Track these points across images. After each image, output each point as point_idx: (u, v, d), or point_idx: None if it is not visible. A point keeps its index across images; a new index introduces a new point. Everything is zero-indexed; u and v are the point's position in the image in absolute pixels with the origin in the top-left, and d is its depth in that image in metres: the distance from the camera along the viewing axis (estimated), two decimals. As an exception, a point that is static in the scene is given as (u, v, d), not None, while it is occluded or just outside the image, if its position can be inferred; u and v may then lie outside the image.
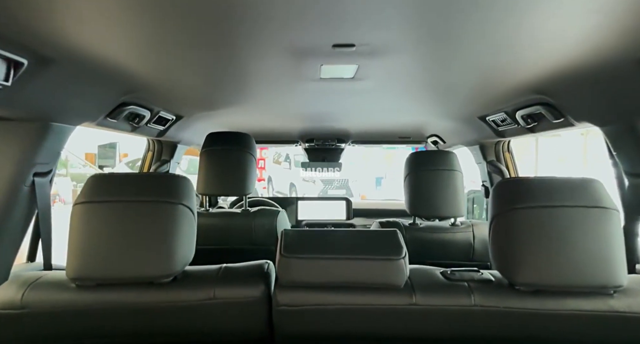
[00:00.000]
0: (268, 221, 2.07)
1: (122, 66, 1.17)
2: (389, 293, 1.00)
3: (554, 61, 1.12)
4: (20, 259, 1.43)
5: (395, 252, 1.00)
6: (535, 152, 10.54)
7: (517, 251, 0.98)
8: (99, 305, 0.99)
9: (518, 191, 1.03)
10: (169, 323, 1.01)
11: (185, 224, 1.02)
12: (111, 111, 1.48)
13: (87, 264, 0.97)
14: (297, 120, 2.41)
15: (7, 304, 0.96)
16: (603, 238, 0.96)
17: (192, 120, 2.17)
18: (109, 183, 1.03)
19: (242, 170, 1.96)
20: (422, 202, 1.92)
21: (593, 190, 0.99)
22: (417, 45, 1.03)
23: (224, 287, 1.02)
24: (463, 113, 2.04)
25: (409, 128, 2.73)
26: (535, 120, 1.65)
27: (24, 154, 1.19)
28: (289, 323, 1.01)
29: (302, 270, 0.99)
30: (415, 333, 0.99)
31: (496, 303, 0.99)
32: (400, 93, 1.65)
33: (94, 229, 0.98)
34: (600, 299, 0.97)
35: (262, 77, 1.39)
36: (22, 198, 1.22)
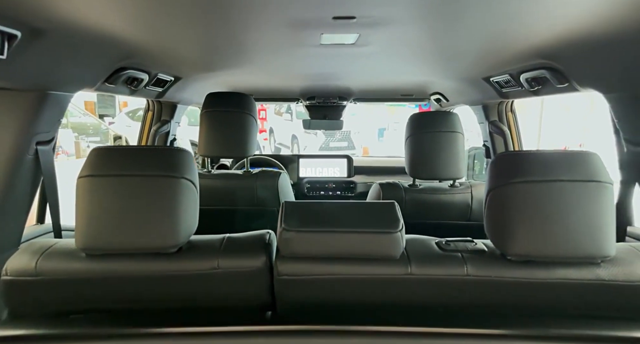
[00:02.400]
0: (270, 182, 2.09)
1: (117, 33, 1.14)
2: (385, 264, 1.04)
3: (562, 28, 1.08)
4: (31, 221, 1.48)
5: (392, 225, 1.03)
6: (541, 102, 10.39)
7: (511, 224, 1.01)
8: (107, 274, 1.04)
9: (515, 165, 1.04)
10: (175, 291, 1.06)
11: (188, 197, 1.04)
12: (109, 76, 1.46)
13: (95, 235, 1.01)
14: (297, 79, 2.37)
15: (22, 271, 1.01)
16: (595, 211, 0.98)
17: (190, 81, 2.13)
18: (113, 157, 1.04)
19: (243, 132, 1.96)
20: (423, 164, 1.93)
21: (590, 164, 1.00)
22: (421, 16, 1.00)
23: (228, 258, 1.06)
24: (467, 75, 2.00)
25: (411, 86, 2.68)
26: (540, 83, 1.62)
27: (25, 124, 1.19)
28: (290, 292, 1.06)
29: (302, 243, 1.03)
30: (410, 301, 1.05)
31: (488, 272, 1.04)
32: (403, 57, 1.61)
33: (100, 202, 1.00)
34: (588, 268, 1.01)
35: (262, 43, 1.35)
36: (26, 167, 1.24)
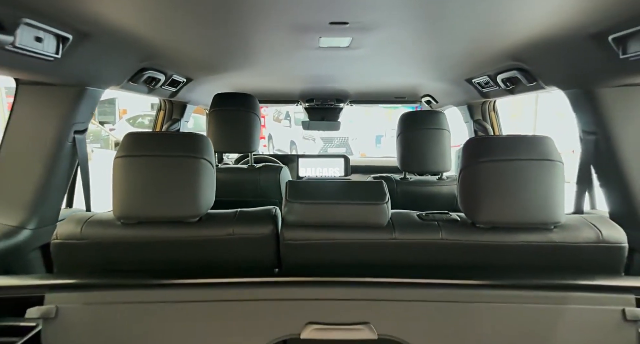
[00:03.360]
0: (272, 176, 2.30)
1: (144, 36, 1.34)
2: (374, 230, 1.23)
3: (526, 33, 1.29)
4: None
5: (379, 198, 1.23)
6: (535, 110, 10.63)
7: (479, 196, 1.21)
8: (139, 239, 1.23)
9: (482, 148, 1.24)
10: (196, 254, 1.25)
11: (207, 175, 1.24)
12: (133, 75, 1.66)
13: (129, 206, 1.20)
14: (297, 81, 2.58)
15: (70, 235, 1.20)
16: (547, 185, 1.18)
17: (200, 82, 2.34)
18: (144, 140, 1.24)
19: (248, 129, 2.16)
20: (413, 159, 2.14)
21: (543, 146, 1.20)
22: (406, 21, 1.20)
23: (241, 226, 1.26)
24: (451, 76, 2.21)
25: (403, 88, 2.89)
26: (513, 83, 1.83)
27: (66, 115, 1.39)
28: (294, 254, 1.25)
29: (304, 212, 1.22)
30: (394, 261, 1.24)
31: (460, 237, 1.23)
32: (392, 59, 1.82)
33: (133, 178, 1.20)
34: (542, 233, 1.21)
35: (265, 46, 1.56)
36: (66, 153, 1.44)
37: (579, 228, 1.22)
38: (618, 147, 1.38)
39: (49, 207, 1.46)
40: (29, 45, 1.01)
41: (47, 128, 1.37)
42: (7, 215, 1.38)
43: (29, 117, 1.37)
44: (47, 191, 1.43)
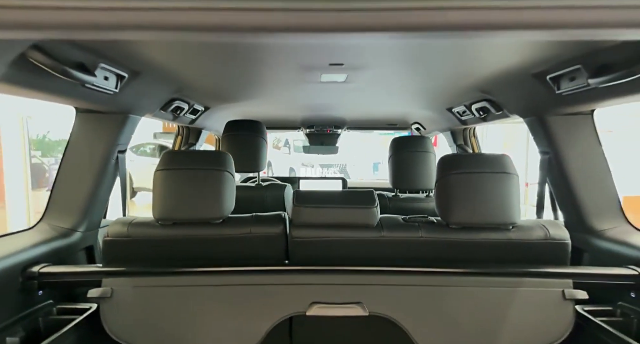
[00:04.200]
0: (278, 192, 2.60)
1: (177, 73, 1.67)
2: (366, 230, 1.52)
3: (490, 70, 1.62)
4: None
5: (370, 203, 1.52)
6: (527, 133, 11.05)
7: (451, 201, 1.50)
8: (174, 237, 1.50)
9: (454, 162, 1.55)
10: (220, 249, 1.53)
11: (229, 184, 1.53)
12: (164, 105, 1.98)
13: (166, 209, 1.48)
14: (300, 109, 2.91)
15: (118, 234, 1.48)
16: (505, 193, 1.47)
17: (215, 110, 2.67)
18: (179, 157, 1.54)
19: (257, 151, 2.47)
20: (402, 178, 2.45)
21: (502, 162, 1.51)
22: (392, 63, 1.53)
23: (257, 226, 1.54)
24: (434, 106, 2.55)
25: (394, 116, 3.24)
26: (485, 112, 2.16)
27: (113, 137, 1.70)
28: (300, 250, 1.53)
29: (309, 215, 1.51)
30: (382, 254, 1.52)
31: (436, 235, 1.51)
32: (382, 91, 2.15)
33: (170, 186, 1.49)
34: (503, 232, 1.49)
35: (274, 80, 1.89)
36: (111, 169, 1.73)
37: (531, 228, 1.51)
38: (565, 164, 1.69)
39: (95, 214, 1.74)
40: (100, 83, 1.32)
41: (97, 148, 1.68)
42: (62, 219, 1.66)
43: (83, 139, 1.67)
44: (94, 201, 1.71)
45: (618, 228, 1.63)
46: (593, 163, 1.66)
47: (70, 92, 1.28)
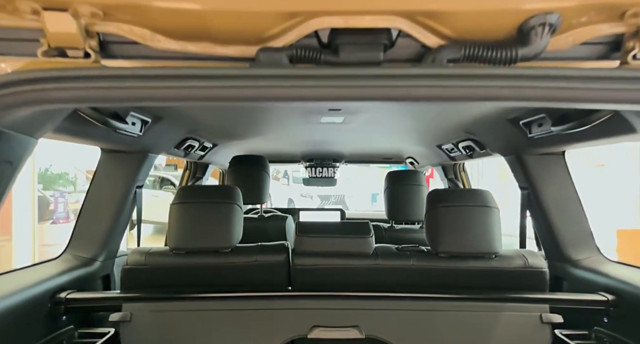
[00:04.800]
0: (279, 223, 2.76)
1: (193, 116, 1.86)
2: (362, 258, 1.67)
3: (472, 115, 1.82)
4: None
5: (366, 233, 1.68)
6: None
7: (439, 232, 1.65)
8: (187, 265, 1.65)
9: (441, 197, 1.72)
10: (229, 276, 1.67)
11: (238, 216, 1.69)
12: (178, 143, 2.17)
13: (181, 239, 1.64)
14: (300, 145, 3.12)
15: (136, 262, 1.63)
16: (487, 225, 1.63)
17: (222, 147, 2.86)
18: (193, 191, 1.72)
19: (260, 184, 2.65)
20: (397, 209, 2.63)
21: (483, 196, 1.68)
22: (384, 108, 1.73)
23: (262, 255, 1.68)
24: (425, 143, 2.75)
25: (389, 151, 3.44)
26: (470, 150, 2.35)
27: (132, 174, 1.88)
28: (302, 277, 1.67)
29: (310, 244, 1.66)
30: (377, 280, 1.66)
31: (426, 263, 1.66)
32: (377, 130, 2.36)
33: (185, 218, 1.65)
34: (486, 260, 1.65)
35: (278, 121, 2.09)
36: (129, 203, 1.90)
37: (512, 258, 1.66)
38: (542, 199, 1.86)
39: (113, 245, 1.89)
40: (128, 128, 1.51)
41: (119, 184, 1.85)
42: (84, 249, 1.81)
43: (106, 176, 1.85)
44: (113, 233, 1.87)
45: (592, 257, 1.79)
46: (567, 198, 1.83)
47: (104, 137, 1.47)
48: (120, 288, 1.62)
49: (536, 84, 0.74)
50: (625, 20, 0.74)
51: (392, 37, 0.83)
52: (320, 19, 0.78)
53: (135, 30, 0.78)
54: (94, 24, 0.76)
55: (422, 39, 0.81)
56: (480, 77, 0.75)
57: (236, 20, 0.77)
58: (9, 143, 0.90)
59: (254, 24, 0.78)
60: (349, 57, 0.83)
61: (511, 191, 1.70)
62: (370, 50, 0.82)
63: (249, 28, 0.79)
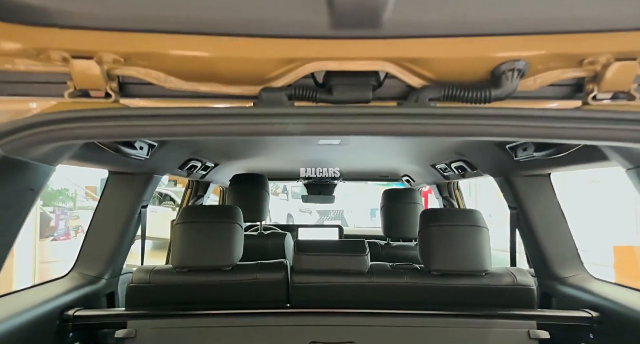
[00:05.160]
0: (279, 241, 2.83)
1: (197, 140, 1.96)
2: (358, 276, 1.74)
3: (464, 139, 1.91)
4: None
5: (361, 252, 1.75)
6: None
7: (431, 250, 1.73)
8: (190, 282, 1.72)
9: (433, 216, 1.80)
10: (230, 293, 1.73)
11: (239, 235, 1.76)
12: (181, 165, 2.26)
13: (184, 258, 1.71)
14: (299, 164, 3.21)
15: (141, 280, 1.70)
16: (477, 243, 1.71)
17: (223, 166, 2.95)
18: (196, 211, 1.80)
19: (260, 202, 2.74)
20: (393, 227, 2.71)
21: (473, 216, 1.76)
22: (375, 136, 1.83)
23: (262, 272, 1.76)
24: (419, 163, 2.85)
25: (386, 170, 3.54)
26: (462, 170, 2.45)
27: (138, 195, 1.96)
28: (300, 294, 1.74)
29: (308, 262, 1.74)
30: (372, 299, 1.73)
31: (419, 281, 1.73)
32: (372, 150, 2.45)
33: (188, 237, 1.72)
34: (477, 278, 1.72)
35: (277, 142, 2.18)
36: (134, 223, 1.98)
37: (501, 275, 1.73)
38: (530, 219, 1.94)
39: (118, 263, 1.97)
40: (136, 153, 1.60)
41: (125, 205, 1.93)
42: (90, 268, 1.88)
43: (113, 197, 1.93)
44: (118, 251, 1.94)
45: (578, 275, 1.86)
46: (553, 218, 1.92)
47: (113, 161, 1.56)
48: (125, 305, 1.68)
49: (506, 123, 0.83)
50: (583, 66, 0.83)
51: (380, 78, 0.93)
52: (317, 63, 0.88)
53: (152, 73, 0.88)
54: (115, 69, 0.86)
55: (406, 80, 0.91)
56: (457, 116, 0.85)
57: (241, 65, 0.87)
58: (32, 173, 0.98)
59: (257, 68, 0.88)
60: (341, 96, 0.92)
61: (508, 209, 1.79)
62: (360, 90, 0.92)
63: (253, 71, 0.89)
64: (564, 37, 0.77)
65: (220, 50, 0.82)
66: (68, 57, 0.80)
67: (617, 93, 0.86)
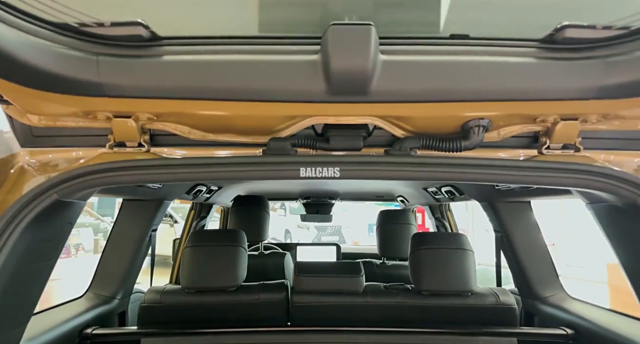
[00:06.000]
0: (279, 260, 2.98)
1: None
2: (353, 296, 1.88)
3: None
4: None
5: (357, 273, 1.90)
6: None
7: (422, 271, 1.88)
8: (197, 302, 1.86)
9: (423, 239, 1.96)
10: (235, 312, 1.87)
11: (242, 257, 1.91)
12: (189, 190, 2.42)
13: (192, 279, 1.85)
14: (298, 185, 3.37)
15: (153, 301, 1.84)
16: (463, 265, 1.86)
17: (225, 189, 3.11)
18: (203, 236, 1.95)
19: (261, 223, 2.89)
20: (388, 247, 2.86)
21: (459, 240, 1.92)
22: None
23: (264, 293, 1.90)
24: (412, 186, 3.02)
25: (381, 191, 3.70)
26: (451, 194, 2.62)
27: (149, 220, 2.11)
28: (300, 313, 1.88)
29: (307, 283, 1.88)
30: (367, 316, 1.87)
31: (410, 300, 1.88)
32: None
33: (195, 260, 1.87)
34: (463, 298, 1.87)
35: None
36: (145, 246, 2.13)
37: (485, 295, 1.88)
38: (512, 241, 2.10)
39: (129, 284, 2.11)
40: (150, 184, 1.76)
41: (137, 230, 2.08)
42: (104, 288, 2.02)
43: (126, 222, 2.09)
44: (130, 273, 2.09)
45: (557, 295, 2.01)
46: (534, 241, 2.08)
47: (131, 191, 1.73)
48: (138, 323, 1.82)
49: (474, 171, 1.01)
50: (537, 123, 1.01)
51: (369, 130, 1.11)
52: (317, 118, 1.05)
53: (178, 127, 1.05)
54: (148, 124, 1.03)
55: (392, 131, 1.08)
56: (433, 165, 1.02)
57: (253, 121, 1.04)
58: (72, 210, 1.14)
59: (266, 123, 1.05)
60: (337, 144, 1.10)
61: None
62: (353, 140, 1.09)
63: (263, 125, 1.07)
64: (518, 103, 0.94)
65: (236, 111, 0.99)
66: (111, 116, 0.97)
67: (566, 145, 1.04)
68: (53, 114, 0.97)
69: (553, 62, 0.89)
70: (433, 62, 0.90)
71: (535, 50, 0.89)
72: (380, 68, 0.87)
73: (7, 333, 1.05)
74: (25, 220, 0.92)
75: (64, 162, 1.04)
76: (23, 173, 1.02)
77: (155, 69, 0.90)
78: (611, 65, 0.87)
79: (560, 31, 0.85)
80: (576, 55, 0.88)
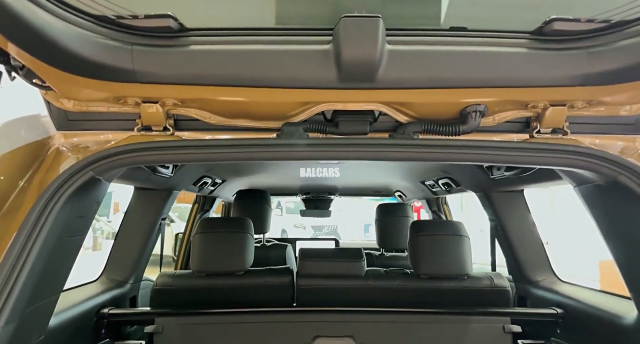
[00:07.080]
0: (280, 251, 3.08)
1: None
2: (355, 279, 1.98)
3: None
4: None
5: (359, 258, 2.00)
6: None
7: (420, 257, 1.98)
8: (207, 285, 1.94)
9: (421, 227, 2.06)
10: (243, 295, 1.96)
11: (249, 243, 2.00)
12: (195, 181, 2.51)
13: (202, 263, 1.94)
14: (298, 180, 3.47)
15: (164, 284, 1.92)
16: (459, 250, 1.96)
17: (229, 182, 3.20)
18: (213, 223, 2.04)
19: (263, 216, 2.99)
20: (386, 238, 2.97)
21: (456, 227, 2.02)
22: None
23: (271, 277, 1.99)
24: (410, 179, 3.12)
25: (379, 186, 3.81)
26: (448, 186, 2.72)
27: (160, 208, 2.20)
28: (304, 296, 1.97)
29: (312, 267, 1.98)
30: (368, 299, 1.96)
31: (409, 283, 1.98)
32: (366, 169, 2.72)
33: (205, 246, 1.96)
34: (459, 281, 1.97)
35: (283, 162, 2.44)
36: (155, 234, 2.21)
37: (481, 279, 1.99)
38: (506, 229, 2.21)
39: (140, 270, 2.19)
40: (166, 171, 1.85)
41: (147, 218, 2.17)
42: (117, 273, 2.10)
43: (137, 210, 2.17)
44: (141, 259, 2.17)
45: (548, 279, 2.12)
46: (526, 229, 2.19)
47: (145, 179, 1.81)
48: (150, 305, 1.91)
49: (471, 152, 1.11)
50: (528, 109, 1.11)
51: (375, 115, 1.20)
52: (327, 104, 1.15)
53: (200, 112, 1.14)
54: (173, 109, 1.12)
55: (396, 117, 1.18)
56: (434, 146, 1.12)
57: (269, 107, 1.14)
58: (100, 188, 1.23)
59: (281, 109, 1.15)
60: (345, 129, 1.19)
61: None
62: (360, 124, 1.19)
63: (277, 110, 1.16)
64: (511, 90, 1.05)
65: (254, 97, 1.09)
66: (140, 101, 1.06)
67: (555, 129, 1.14)
68: (88, 99, 1.06)
69: (542, 52, 0.99)
70: (434, 52, 1.00)
71: (526, 41, 0.99)
72: (386, 57, 0.97)
73: (47, 298, 1.14)
74: (64, 196, 1.01)
75: (95, 144, 1.13)
76: (59, 154, 1.11)
77: (182, 57, 0.99)
78: (594, 54, 0.97)
79: (549, 24, 0.95)
80: (563, 45, 0.98)
